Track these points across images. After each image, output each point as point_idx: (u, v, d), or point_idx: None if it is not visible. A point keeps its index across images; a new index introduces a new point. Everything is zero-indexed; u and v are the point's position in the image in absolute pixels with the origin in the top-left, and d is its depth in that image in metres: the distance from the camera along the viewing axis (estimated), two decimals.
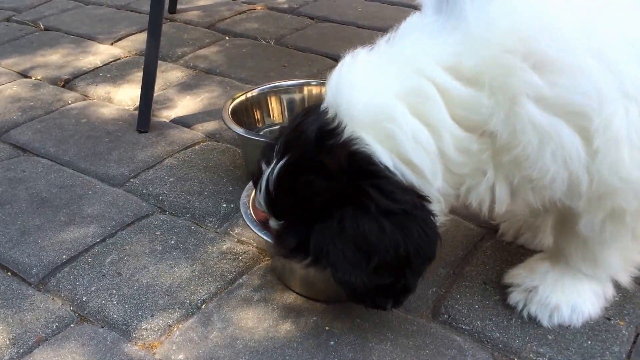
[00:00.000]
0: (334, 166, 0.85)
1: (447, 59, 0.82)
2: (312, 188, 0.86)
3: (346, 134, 0.85)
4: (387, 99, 0.83)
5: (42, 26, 2.41)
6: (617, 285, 1.08)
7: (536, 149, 0.81)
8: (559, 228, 1.04)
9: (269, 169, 0.90)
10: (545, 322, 1.04)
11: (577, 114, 0.79)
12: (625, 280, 1.04)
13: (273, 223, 0.95)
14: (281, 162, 0.88)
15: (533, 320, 1.05)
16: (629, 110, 0.78)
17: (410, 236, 0.84)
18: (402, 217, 0.84)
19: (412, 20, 0.90)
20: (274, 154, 0.91)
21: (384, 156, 0.84)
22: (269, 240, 1.05)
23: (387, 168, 0.84)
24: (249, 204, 1.16)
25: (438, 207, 0.89)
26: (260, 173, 0.94)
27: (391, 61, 0.86)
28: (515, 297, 1.07)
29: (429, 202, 0.86)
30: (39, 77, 2.02)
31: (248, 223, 1.11)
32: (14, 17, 2.51)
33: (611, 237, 0.93)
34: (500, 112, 0.81)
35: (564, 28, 0.78)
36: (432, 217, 0.87)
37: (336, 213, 0.85)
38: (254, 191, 1.10)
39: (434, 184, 0.86)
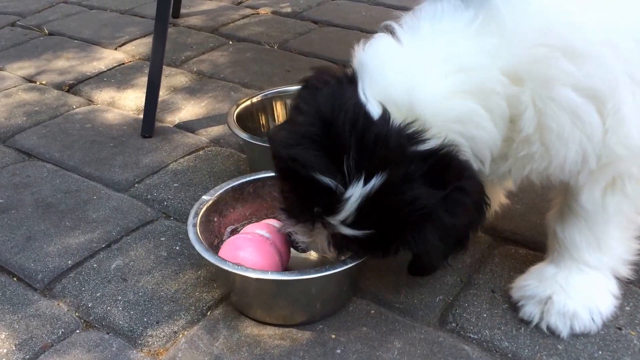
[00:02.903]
0: (449, 178, 0.89)
1: (492, 59, 0.87)
2: (420, 200, 0.88)
3: (440, 140, 0.88)
4: (467, 104, 0.88)
5: (46, 31, 2.41)
6: (627, 295, 1.08)
7: (567, 133, 0.88)
8: (560, 214, 1.04)
9: (359, 187, 0.87)
10: (565, 333, 1.03)
11: (598, 97, 0.87)
12: (625, 272, 1.06)
13: (351, 231, 0.93)
14: (375, 181, 0.87)
15: (552, 332, 1.04)
16: (635, 95, 0.88)
17: (484, 214, 0.98)
18: (481, 202, 0.96)
19: (442, 16, 0.91)
20: (350, 171, 0.87)
21: (471, 158, 0.93)
22: (222, 266, 1.04)
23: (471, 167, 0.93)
24: (197, 227, 1.12)
25: None
26: (329, 191, 0.89)
27: (442, 60, 0.88)
28: (529, 310, 1.06)
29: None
30: (43, 82, 2.02)
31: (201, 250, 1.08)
32: (18, 22, 2.51)
33: (615, 211, 0.97)
34: (531, 107, 0.88)
35: (585, 23, 0.87)
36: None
37: (435, 214, 0.90)
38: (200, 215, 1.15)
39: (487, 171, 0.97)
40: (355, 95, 0.89)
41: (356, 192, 0.87)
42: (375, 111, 0.87)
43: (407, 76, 0.88)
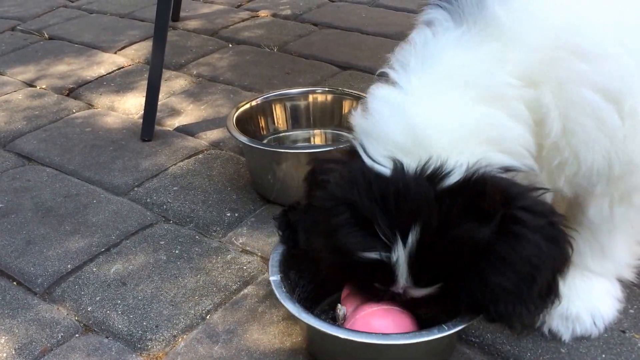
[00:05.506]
0: (489, 205, 0.80)
1: (497, 62, 0.84)
2: (471, 237, 0.80)
3: (465, 167, 0.80)
4: (480, 110, 0.83)
5: (46, 35, 2.41)
6: (631, 298, 1.07)
7: (593, 137, 0.84)
8: None
9: (400, 248, 0.82)
10: (567, 337, 1.02)
11: (617, 98, 0.83)
12: (629, 275, 1.05)
13: (418, 292, 0.88)
14: (414, 234, 0.81)
15: (554, 336, 1.03)
16: None
17: (561, 245, 0.85)
18: (549, 230, 0.83)
19: (434, 39, 0.88)
20: (386, 236, 0.82)
21: (511, 161, 0.84)
22: (322, 329, 0.91)
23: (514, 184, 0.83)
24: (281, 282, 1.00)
25: None
26: (379, 263, 0.84)
27: (449, 87, 0.84)
28: None
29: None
30: (43, 86, 2.02)
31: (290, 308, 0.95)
32: (18, 27, 2.52)
33: (621, 221, 0.95)
34: (555, 109, 0.84)
35: (594, 23, 0.85)
36: (560, 217, 0.87)
37: (492, 251, 0.81)
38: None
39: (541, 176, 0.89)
40: (361, 163, 0.85)
41: (400, 255, 0.82)
42: (385, 169, 0.83)
43: (407, 119, 0.84)
